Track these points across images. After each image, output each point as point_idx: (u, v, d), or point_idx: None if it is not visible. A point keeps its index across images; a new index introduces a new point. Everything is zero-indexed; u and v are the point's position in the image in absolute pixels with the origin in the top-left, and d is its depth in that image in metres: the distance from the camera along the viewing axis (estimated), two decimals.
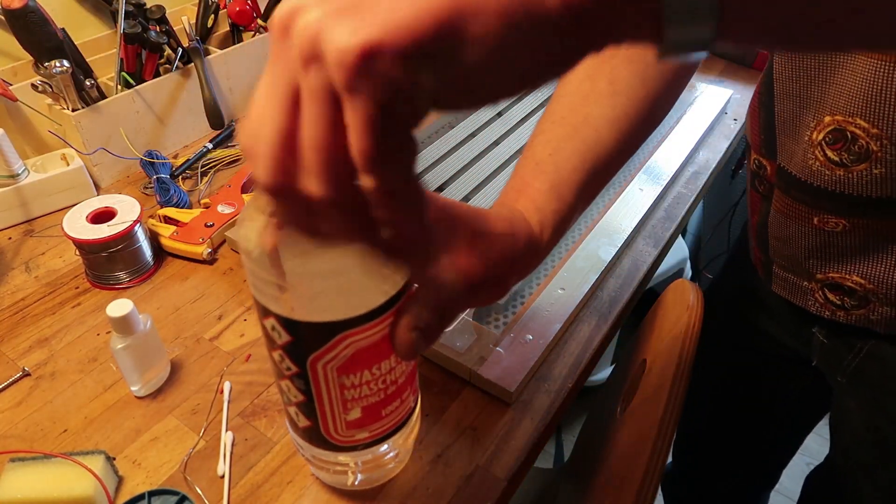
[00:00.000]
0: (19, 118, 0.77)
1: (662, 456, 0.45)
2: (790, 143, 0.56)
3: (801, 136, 0.54)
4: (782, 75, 0.55)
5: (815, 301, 0.61)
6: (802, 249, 0.59)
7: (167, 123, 0.83)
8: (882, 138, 0.48)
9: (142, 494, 0.47)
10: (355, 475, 0.46)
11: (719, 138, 0.85)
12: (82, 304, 0.63)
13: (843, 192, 0.52)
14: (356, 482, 0.47)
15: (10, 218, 0.73)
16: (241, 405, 0.54)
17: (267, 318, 0.36)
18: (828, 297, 0.59)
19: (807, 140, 0.53)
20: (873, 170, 0.50)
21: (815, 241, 0.57)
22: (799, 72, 0.53)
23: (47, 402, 0.54)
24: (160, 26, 0.82)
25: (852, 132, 0.50)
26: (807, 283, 0.61)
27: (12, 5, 0.66)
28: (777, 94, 0.57)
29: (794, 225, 0.58)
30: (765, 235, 0.63)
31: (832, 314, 0.60)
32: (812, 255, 0.58)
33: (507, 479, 0.48)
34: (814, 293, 0.60)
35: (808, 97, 0.53)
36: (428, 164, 0.78)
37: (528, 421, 0.52)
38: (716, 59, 1.02)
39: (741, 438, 0.87)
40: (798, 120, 0.55)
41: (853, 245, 0.55)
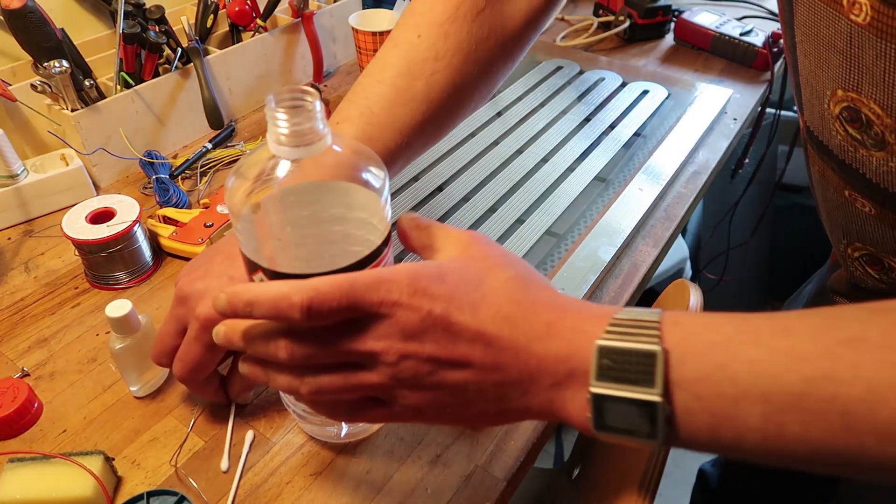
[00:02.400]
0: (18, 118, 0.77)
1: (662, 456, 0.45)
2: (813, 105, 0.48)
3: (822, 103, 0.46)
4: (802, 24, 0.46)
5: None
6: (839, 225, 0.53)
7: (166, 123, 0.83)
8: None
9: (141, 495, 0.47)
10: (340, 427, 0.50)
11: (719, 138, 0.85)
12: (81, 304, 0.63)
13: (866, 176, 0.45)
14: (342, 434, 0.50)
15: (9, 218, 0.73)
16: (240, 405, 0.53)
17: (255, 273, 0.38)
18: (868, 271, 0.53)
19: (827, 109, 0.46)
20: (889, 162, 0.43)
21: (848, 217, 0.51)
22: (817, 27, 0.44)
23: (46, 403, 0.54)
24: (159, 26, 0.82)
25: (866, 115, 0.42)
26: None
27: (11, 5, 0.66)
28: (798, 44, 0.48)
29: (830, 192, 0.52)
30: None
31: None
32: (846, 234, 0.52)
33: (506, 480, 0.48)
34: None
35: (824, 59, 0.44)
36: (428, 163, 0.78)
37: (528, 421, 0.52)
38: (715, 59, 1.02)
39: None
40: (817, 82, 0.46)
41: (885, 233, 0.48)
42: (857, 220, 0.50)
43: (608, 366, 0.30)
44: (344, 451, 0.50)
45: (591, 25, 1.10)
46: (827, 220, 0.56)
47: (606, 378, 0.30)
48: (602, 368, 0.30)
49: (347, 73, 1.03)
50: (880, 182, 0.45)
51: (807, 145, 0.54)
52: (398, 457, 0.50)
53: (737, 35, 0.98)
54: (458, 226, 0.68)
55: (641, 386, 0.29)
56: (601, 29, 1.10)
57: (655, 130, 0.84)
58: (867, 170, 0.45)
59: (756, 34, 0.98)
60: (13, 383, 0.52)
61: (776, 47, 0.96)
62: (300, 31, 0.94)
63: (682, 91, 0.91)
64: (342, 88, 0.99)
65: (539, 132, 0.83)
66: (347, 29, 0.97)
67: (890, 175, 0.44)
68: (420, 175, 0.76)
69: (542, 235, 0.68)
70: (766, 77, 0.96)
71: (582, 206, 0.72)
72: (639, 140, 0.83)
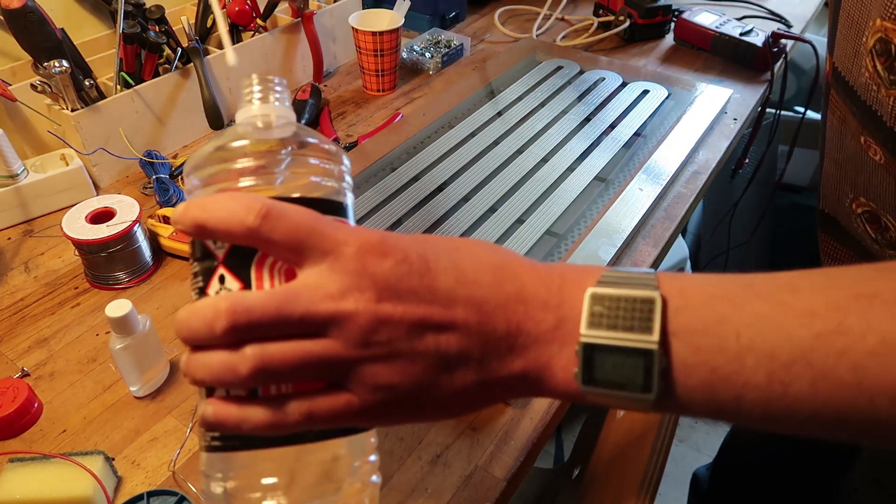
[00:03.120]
0: (18, 118, 0.76)
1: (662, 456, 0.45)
2: (847, 41, 0.47)
3: (858, 36, 0.45)
4: None
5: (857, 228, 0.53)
6: (848, 177, 0.51)
7: (166, 123, 0.83)
8: None
9: (140, 495, 0.47)
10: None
11: (719, 138, 0.85)
12: (81, 304, 0.63)
13: (882, 118, 0.43)
14: None
15: (9, 218, 0.73)
16: None
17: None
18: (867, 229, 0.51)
19: (862, 42, 0.44)
20: None
21: (859, 167, 0.49)
22: None
23: (46, 403, 0.54)
24: (159, 26, 0.82)
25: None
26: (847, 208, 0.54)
27: (11, 5, 0.66)
28: None
29: (847, 139, 0.50)
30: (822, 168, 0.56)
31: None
32: (854, 187, 0.50)
33: (506, 480, 0.48)
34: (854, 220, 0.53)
35: None
36: (428, 164, 0.78)
37: (528, 421, 0.52)
38: (715, 59, 1.02)
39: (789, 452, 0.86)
40: (858, 13, 0.44)
41: (889, 186, 0.46)
42: (867, 171, 0.49)
43: (601, 312, 0.28)
44: None
45: (591, 25, 1.10)
46: (836, 173, 0.56)
47: (599, 325, 0.27)
48: (594, 315, 0.28)
49: (347, 73, 1.03)
50: (894, 126, 0.43)
51: (829, 92, 0.53)
52: (398, 457, 0.50)
53: (737, 35, 0.98)
54: (459, 226, 0.68)
55: (636, 332, 0.27)
56: (601, 29, 1.10)
57: (655, 130, 0.84)
58: (884, 112, 0.43)
59: (756, 34, 0.98)
60: (13, 383, 0.52)
61: (776, 47, 0.96)
62: (300, 31, 0.94)
63: (682, 91, 0.91)
64: (342, 88, 0.99)
65: (539, 132, 0.83)
66: (347, 29, 0.97)
67: None
68: (420, 175, 0.76)
69: (543, 235, 0.68)
70: (766, 77, 0.96)
71: (582, 206, 0.72)
72: (639, 140, 0.83)
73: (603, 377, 0.28)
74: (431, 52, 1.03)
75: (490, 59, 1.02)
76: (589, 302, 0.28)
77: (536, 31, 1.11)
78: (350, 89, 0.99)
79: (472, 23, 1.18)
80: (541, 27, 1.13)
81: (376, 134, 0.84)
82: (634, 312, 0.27)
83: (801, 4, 1.18)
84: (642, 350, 0.27)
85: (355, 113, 0.93)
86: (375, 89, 0.97)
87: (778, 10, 1.14)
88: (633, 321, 0.27)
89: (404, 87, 0.99)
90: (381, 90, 0.97)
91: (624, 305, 0.28)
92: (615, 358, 0.27)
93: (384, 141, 0.81)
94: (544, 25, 1.14)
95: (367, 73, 0.95)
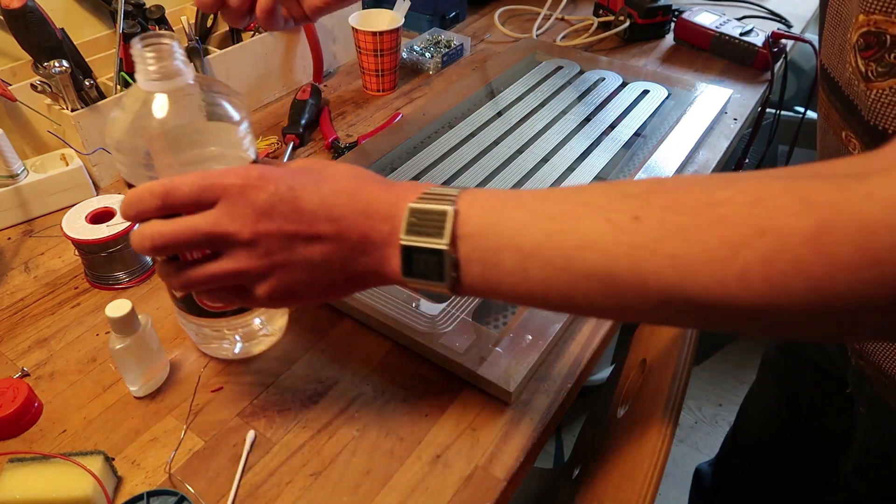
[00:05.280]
0: (18, 118, 0.76)
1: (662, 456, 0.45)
2: (834, 38, 0.50)
3: (844, 32, 0.48)
4: None
5: None
6: None
7: None
8: None
9: (140, 495, 0.47)
10: (234, 345, 0.56)
11: (719, 138, 0.85)
12: (81, 304, 0.63)
13: (861, 112, 0.47)
14: (236, 351, 0.57)
15: (9, 218, 0.73)
16: (240, 405, 0.53)
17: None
18: None
19: (847, 39, 0.47)
20: (883, 95, 0.44)
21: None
22: None
23: (46, 403, 0.54)
24: (159, 26, 0.82)
25: (893, 36, 0.42)
26: None
27: (11, 5, 0.66)
28: None
29: (830, 136, 0.53)
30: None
31: None
32: None
33: (506, 480, 0.48)
34: None
35: None
36: (428, 163, 0.78)
37: (528, 421, 0.52)
38: (715, 59, 1.02)
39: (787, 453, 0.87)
40: (845, 9, 0.48)
41: None
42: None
43: (414, 223, 0.37)
44: (344, 450, 0.50)
45: (592, 25, 1.10)
46: None
47: (412, 232, 0.37)
48: (410, 225, 0.37)
49: (347, 72, 1.03)
50: (871, 119, 0.46)
51: (820, 90, 0.55)
52: (398, 457, 0.50)
53: (737, 35, 0.98)
54: None
55: (434, 237, 0.36)
56: (601, 29, 1.10)
57: (655, 130, 0.84)
58: (863, 106, 0.47)
59: (756, 34, 0.98)
60: (13, 383, 0.52)
61: (776, 47, 0.96)
62: (300, 31, 0.94)
63: (683, 91, 0.91)
64: (342, 88, 0.99)
65: (539, 132, 0.83)
66: (347, 29, 0.97)
67: (879, 106, 0.45)
68: (420, 175, 0.76)
69: None
70: (766, 77, 0.96)
71: None
72: (639, 140, 0.83)
73: (416, 270, 0.37)
74: (431, 52, 1.03)
75: (490, 59, 1.02)
76: (407, 215, 0.37)
77: (536, 31, 1.11)
78: (350, 89, 0.99)
79: (472, 23, 1.18)
80: (541, 27, 1.13)
81: (376, 134, 0.84)
82: (434, 223, 0.36)
83: (801, 4, 1.17)
84: (437, 250, 0.36)
85: (355, 113, 0.93)
86: (375, 89, 0.97)
87: (778, 10, 1.14)
88: (433, 229, 0.36)
89: (404, 87, 0.99)
90: (381, 90, 0.97)
91: (428, 217, 0.37)
92: (423, 256, 0.37)
93: (384, 141, 0.81)
94: (544, 25, 1.14)
95: (367, 73, 0.95)
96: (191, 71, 0.43)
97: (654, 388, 0.53)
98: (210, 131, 0.45)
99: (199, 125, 0.45)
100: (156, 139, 0.43)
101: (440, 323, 0.57)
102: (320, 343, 0.59)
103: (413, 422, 0.52)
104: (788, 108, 1.62)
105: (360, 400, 0.54)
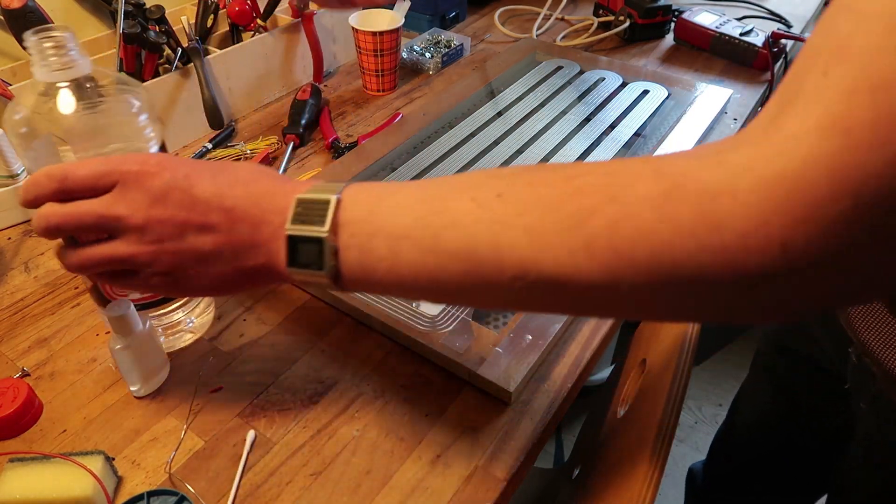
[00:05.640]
0: None
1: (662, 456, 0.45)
2: None
3: None
4: None
5: None
6: None
7: (166, 123, 0.83)
8: None
9: (141, 495, 0.47)
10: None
11: (719, 138, 0.85)
12: (82, 304, 0.63)
13: None
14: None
15: (9, 218, 0.73)
16: (240, 405, 0.53)
17: None
18: None
19: None
20: None
21: None
22: None
23: (46, 403, 0.54)
24: (159, 26, 0.82)
25: None
26: None
27: (12, 5, 0.66)
28: None
29: None
30: None
31: None
32: None
33: (506, 479, 0.48)
34: None
35: None
36: (428, 164, 0.78)
37: (528, 421, 0.52)
38: (716, 59, 1.02)
39: (782, 451, 0.87)
40: None
41: None
42: None
43: (299, 213, 0.37)
44: (344, 450, 0.50)
45: (592, 25, 1.10)
46: None
47: (297, 222, 0.37)
48: (296, 215, 0.37)
49: (347, 73, 1.03)
50: None
51: None
52: (398, 457, 0.50)
53: (737, 35, 0.98)
54: None
55: (316, 226, 0.36)
56: (601, 29, 1.10)
57: (656, 130, 0.84)
58: None
59: (756, 34, 0.98)
60: (13, 383, 0.52)
61: (776, 47, 0.96)
62: (300, 31, 0.94)
63: (682, 91, 0.91)
64: (342, 88, 0.99)
65: (539, 132, 0.83)
66: (347, 29, 0.97)
67: None
68: (420, 175, 0.76)
69: None
70: (766, 77, 0.96)
71: None
72: (639, 140, 0.83)
73: (300, 260, 0.37)
74: (431, 52, 1.03)
75: (490, 59, 1.02)
76: (294, 205, 0.37)
77: (536, 31, 1.11)
78: (350, 89, 0.99)
79: (472, 23, 1.18)
80: (541, 27, 1.13)
81: (376, 134, 0.84)
82: (317, 212, 0.36)
83: (801, 4, 1.18)
84: (317, 238, 0.36)
85: (355, 113, 0.93)
86: (375, 89, 0.97)
87: (778, 10, 1.14)
88: (315, 218, 0.36)
89: (404, 87, 0.99)
90: (381, 90, 0.97)
91: (312, 207, 0.37)
92: (306, 246, 0.36)
93: (384, 141, 0.81)
94: (544, 25, 1.14)
95: (367, 73, 0.95)
96: (87, 62, 0.44)
97: (654, 388, 0.53)
98: (110, 122, 0.47)
99: (100, 116, 0.46)
100: (57, 130, 0.45)
101: (440, 323, 0.57)
102: (320, 343, 0.59)
103: (413, 422, 0.52)
104: None
105: (360, 400, 0.54)
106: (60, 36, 0.43)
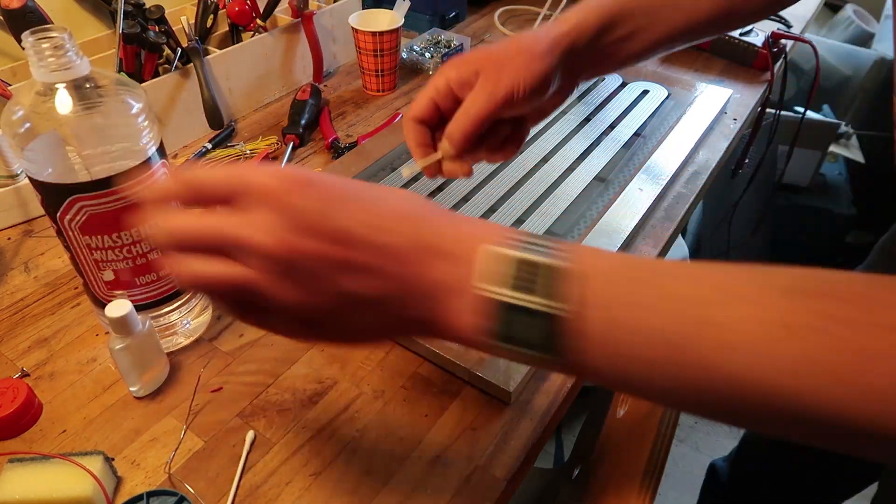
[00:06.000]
0: None
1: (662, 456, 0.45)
2: None
3: None
4: None
5: None
6: None
7: (166, 123, 0.83)
8: None
9: (140, 495, 0.47)
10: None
11: (719, 138, 0.85)
12: (81, 304, 0.63)
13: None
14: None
15: (9, 218, 0.73)
16: (240, 405, 0.53)
17: (31, 180, 0.47)
18: None
19: None
20: None
21: None
22: None
23: (46, 403, 0.54)
24: (159, 26, 0.82)
25: None
26: None
27: (11, 5, 0.66)
28: None
29: None
30: None
31: None
32: None
33: (506, 480, 0.48)
34: None
35: None
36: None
37: (528, 421, 0.52)
38: (716, 59, 1.02)
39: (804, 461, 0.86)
40: None
41: None
42: None
43: (511, 274, 0.29)
44: (344, 450, 0.50)
45: None
46: None
47: (508, 286, 0.29)
48: (503, 276, 0.29)
49: (347, 72, 1.03)
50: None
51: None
52: (398, 457, 0.50)
53: (737, 35, 0.98)
54: None
55: (543, 297, 0.28)
56: None
57: (655, 130, 0.84)
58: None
59: (756, 34, 0.98)
60: (13, 383, 0.52)
61: (776, 47, 0.96)
62: (300, 31, 0.94)
63: (682, 91, 0.91)
64: (342, 88, 0.99)
65: (539, 132, 0.83)
66: (347, 29, 0.97)
67: None
68: (420, 175, 0.76)
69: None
70: (766, 77, 0.96)
71: (582, 207, 0.72)
72: (639, 140, 0.83)
73: (513, 334, 0.29)
74: (431, 52, 1.03)
75: None
76: (491, 258, 0.30)
77: None
78: (350, 89, 0.99)
79: (472, 23, 1.18)
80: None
81: (376, 134, 0.84)
82: (542, 277, 0.29)
83: (801, 4, 1.17)
84: (548, 314, 0.28)
85: (355, 113, 0.93)
86: (375, 89, 0.97)
87: None
88: (540, 286, 0.28)
89: (404, 87, 0.99)
90: (381, 90, 0.97)
91: (529, 268, 0.29)
92: (523, 318, 0.29)
93: (384, 141, 0.81)
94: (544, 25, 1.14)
95: (367, 73, 0.95)
96: (86, 63, 0.44)
97: None
98: (109, 122, 0.47)
99: (98, 116, 0.46)
100: (57, 131, 0.45)
101: None
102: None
103: (413, 422, 0.52)
104: (788, 109, 1.62)
105: (360, 400, 0.54)
106: (58, 37, 0.43)
